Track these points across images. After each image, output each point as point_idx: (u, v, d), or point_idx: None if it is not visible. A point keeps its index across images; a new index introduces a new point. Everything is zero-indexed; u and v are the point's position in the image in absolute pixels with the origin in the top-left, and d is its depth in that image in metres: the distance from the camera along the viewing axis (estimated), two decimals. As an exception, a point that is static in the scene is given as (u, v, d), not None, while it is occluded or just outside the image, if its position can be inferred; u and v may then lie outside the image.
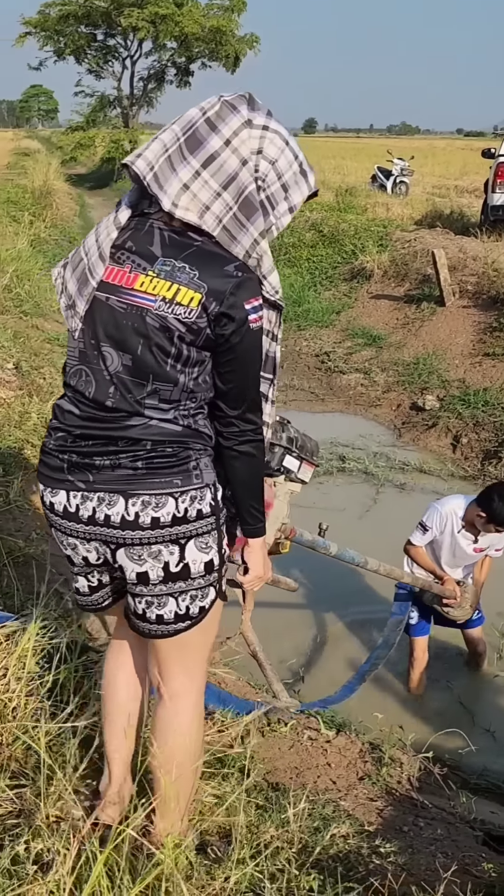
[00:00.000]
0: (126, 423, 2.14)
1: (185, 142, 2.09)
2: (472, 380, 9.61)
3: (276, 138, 2.16)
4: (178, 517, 2.14)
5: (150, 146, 2.13)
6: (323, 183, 24.29)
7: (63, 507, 2.21)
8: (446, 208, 18.02)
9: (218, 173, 2.09)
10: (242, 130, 2.11)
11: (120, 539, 2.16)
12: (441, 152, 47.65)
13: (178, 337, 2.08)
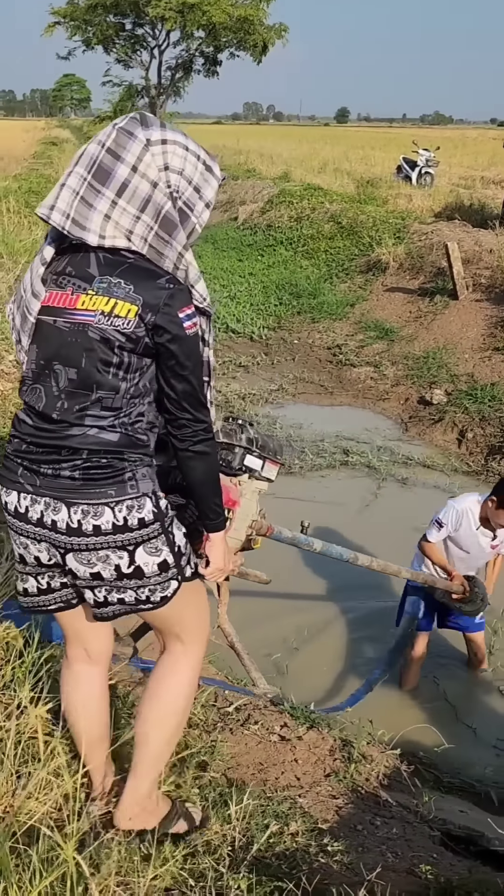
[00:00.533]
0: (67, 432, 2.27)
1: (93, 177, 2.21)
2: (480, 374, 9.55)
3: (176, 148, 2.28)
4: (119, 525, 2.26)
5: (59, 195, 2.24)
6: (348, 174, 24.23)
7: (14, 507, 2.34)
8: (468, 200, 17.86)
9: (133, 199, 2.22)
10: (145, 154, 2.22)
11: (67, 544, 2.29)
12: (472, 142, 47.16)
13: (118, 346, 2.23)
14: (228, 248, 16.98)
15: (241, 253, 16.61)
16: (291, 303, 13.33)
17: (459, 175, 26.56)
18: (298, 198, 18.27)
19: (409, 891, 2.59)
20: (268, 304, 13.34)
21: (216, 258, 16.23)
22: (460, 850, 3.24)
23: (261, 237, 17.31)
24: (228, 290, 13.90)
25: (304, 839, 2.87)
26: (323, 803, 3.26)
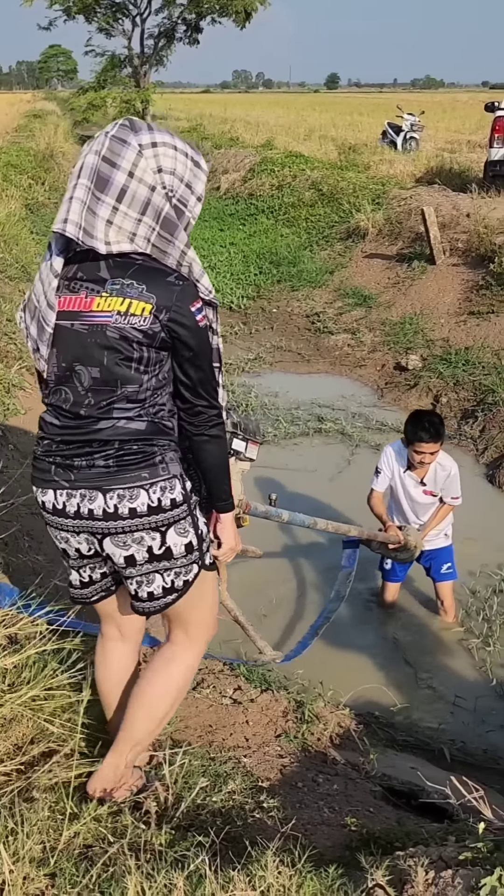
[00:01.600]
0: (96, 426, 2.42)
1: (94, 186, 2.32)
2: (455, 339, 9.55)
3: (166, 150, 2.39)
4: (153, 507, 2.42)
5: (70, 208, 2.33)
6: (333, 140, 24.05)
7: (52, 505, 2.50)
8: (450, 164, 17.74)
9: (133, 203, 2.33)
10: (140, 160, 2.33)
11: (104, 529, 2.44)
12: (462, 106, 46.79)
13: (136, 343, 2.37)
14: (210, 218, 16.89)
15: (223, 223, 16.53)
16: (271, 271, 13.28)
17: (446, 139, 26.33)
18: (280, 165, 18.15)
19: (336, 843, 2.65)
20: (248, 273, 13.30)
21: (197, 228, 16.10)
22: (402, 803, 3.30)
23: (242, 206, 17.22)
24: (209, 260, 13.84)
25: (241, 797, 2.92)
26: (268, 763, 3.31)
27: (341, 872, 2.14)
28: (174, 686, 2.71)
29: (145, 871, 2.02)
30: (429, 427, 4.76)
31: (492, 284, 9.88)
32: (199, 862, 2.01)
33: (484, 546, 6.06)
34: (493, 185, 13.65)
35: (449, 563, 5.25)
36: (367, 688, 4.39)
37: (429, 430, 4.76)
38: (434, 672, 4.83)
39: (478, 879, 1.99)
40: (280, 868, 2.03)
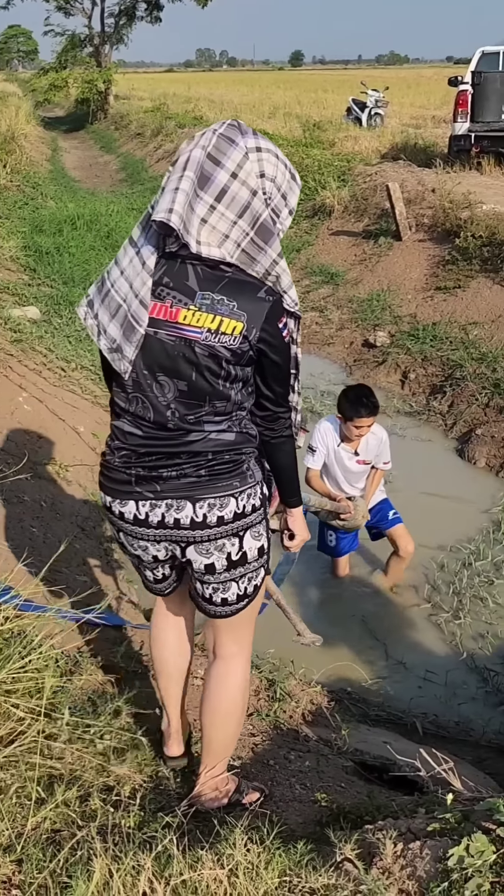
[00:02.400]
0: (186, 438, 2.41)
1: (196, 180, 2.25)
2: (423, 315, 9.56)
3: (270, 156, 2.34)
4: (238, 513, 2.44)
5: (176, 199, 2.22)
6: (298, 118, 23.93)
7: (133, 516, 2.48)
8: (417, 140, 17.72)
9: (231, 205, 2.27)
10: (245, 163, 2.28)
11: (190, 538, 2.46)
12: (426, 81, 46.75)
13: (225, 361, 2.33)
14: (175, 199, 16.72)
15: (188, 203, 16.37)
16: (238, 251, 13.20)
17: (411, 115, 26.32)
18: (244, 144, 17.99)
19: (307, 819, 2.65)
20: (214, 253, 13.20)
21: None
22: (374, 778, 3.31)
23: (207, 186, 17.06)
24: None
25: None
26: (240, 742, 3.30)
27: (310, 848, 2.13)
28: (238, 698, 2.75)
29: (113, 853, 2.01)
30: (367, 403, 4.87)
31: (458, 259, 9.88)
32: (167, 842, 2.00)
33: (453, 520, 6.09)
34: (458, 160, 13.66)
35: (392, 509, 5.36)
36: (339, 665, 4.40)
37: (367, 406, 4.87)
38: (404, 647, 4.85)
39: (446, 850, 1.99)
40: (249, 846, 2.02)
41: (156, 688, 3.03)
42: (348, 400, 4.88)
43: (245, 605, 2.61)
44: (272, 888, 1.91)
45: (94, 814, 2.30)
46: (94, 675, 3.35)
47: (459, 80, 14.55)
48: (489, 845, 1.96)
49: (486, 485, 6.69)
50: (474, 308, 9.17)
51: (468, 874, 1.90)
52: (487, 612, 5.10)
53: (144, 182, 20.14)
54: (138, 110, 32.64)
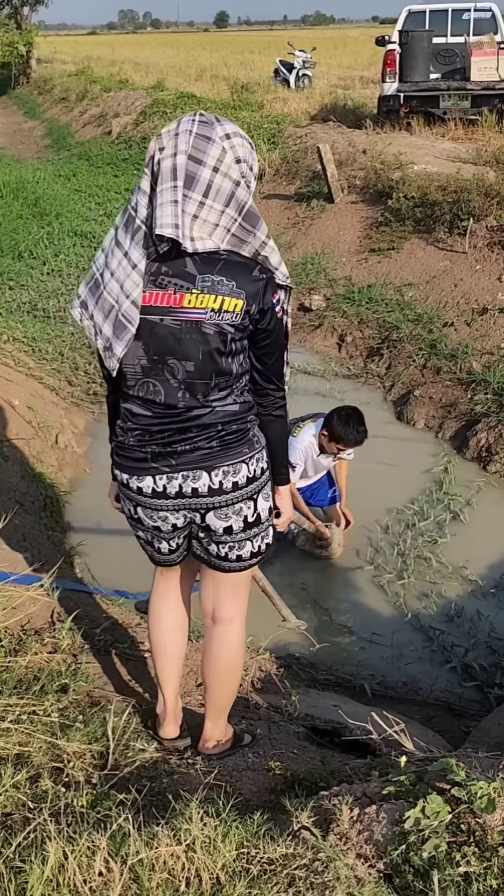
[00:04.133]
0: (194, 413, 2.55)
1: (184, 186, 2.38)
2: (358, 277, 9.54)
3: (237, 139, 2.47)
4: (251, 477, 2.64)
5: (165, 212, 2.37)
6: (225, 80, 23.64)
7: (151, 490, 2.62)
8: (346, 101, 17.63)
9: (218, 196, 2.41)
10: (224, 155, 2.41)
11: (209, 505, 2.62)
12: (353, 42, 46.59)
13: (230, 337, 2.49)
14: (103, 164, 16.43)
15: (117, 168, 16.09)
16: (169, 217, 13.02)
17: (339, 76, 26.20)
18: (172, 107, 17.74)
19: (262, 787, 2.64)
20: (145, 219, 13.00)
21: (91, 175, 15.71)
22: (326, 742, 3.32)
23: (136, 151, 16.78)
24: (104, 207, 13.49)
25: (164, 751, 2.90)
26: (190, 713, 3.28)
27: (267, 818, 2.12)
28: (240, 658, 2.97)
29: (67, 834, 1.97)
30: (358, 438, 4.95)
31: (391, 220, 9.87)
32: (122, 820, 1.97)
33: (395, 482, 6.11)
34: (388, 121, 13.63)
35: (333, 487, 5.47)
36: (286, 631, 4.40)
37: (359, 440, 4.95)
38: (350, 611, 4.87)
39: (401, 812, 2.00)
40: (205, 819, 2.00)
41: (153, 669, 3.12)
42: (341, 423, 4.91)
43: (256, 562, 2.82)
44: (230, 861, 1.89)
45: (46, 795, 2.25)
46: (40, 654, 3.29)
47: (387, 40, 14.47)
48: (444, 806, 1.97)
49: (426, 445, 6.73)
50: (409, 269, 9.18)
51: (425, 835, 1.91)
52: (431, 572, 5.14)
53: (71, 148, 19.75)
54: (62, 74, 31.95)
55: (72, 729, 2.76)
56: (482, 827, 1.95)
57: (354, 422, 4.92)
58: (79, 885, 1.84)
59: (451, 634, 4.60)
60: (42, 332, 8.09)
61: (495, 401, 6.62)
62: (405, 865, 1.89)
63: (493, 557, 5.23)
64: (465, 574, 5.08)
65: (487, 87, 13.42)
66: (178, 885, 1.85)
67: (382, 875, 1.90)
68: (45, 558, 4.38)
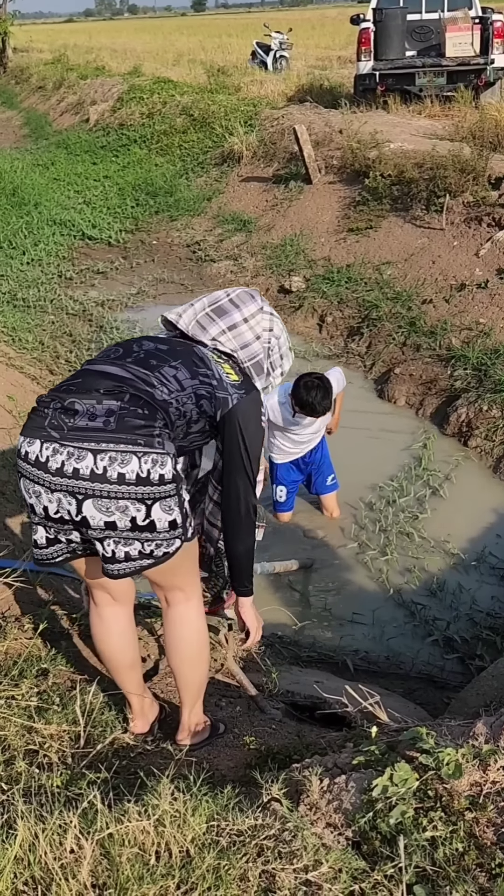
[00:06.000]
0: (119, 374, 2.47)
1: (212, 311, 2.81)
2: (336, 257, 9.53)
3: (278, 322, 2.92)
4: (142, 477, 2.36)
5: (185, 312, 2.85)
6: (202, 64, 23.50)
7: (35, 457, 2.42)
8: (323, 81, 17.54)
9: (237, 337, 2.79)
10: (258, 315, 2.84)
11: (88, 490, 2.36)
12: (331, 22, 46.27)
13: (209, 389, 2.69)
14: (81, 152, 16.34)
15: (95, 156, 16.01)
16: (148, 203, 12.99)
17: (317, 56, 26.05)
18: (149, 93, 17.63)
19: (238, 763, 2.66)
20: (124, 206, 12.97)
21: (70, 163, 15.62)
22: (306, 717, 3.34)
23: (114, 137, 16.70)
24: (83, 195, 13.45)
25: (143, 730, 2.91)
26: (171, 692, 3.30)
27: (238, 791, 2.14)
28: (198, 639, 2.85)
29: (38, 814, 1.98)
30: (318, 408, 4.73)
31: (368, 200, 9.85)
32: (92, 798, 1.98)
33: (377, 460, 6.14)
34: (364, 100, 13.57)
35: (332, 474, 5.41)
36: (269, 609, 4.42)
37: (317, 412, 4.76)
38: (333, 588, 4.90)
39: (370, 781, 2.01)
40: (175, 794, 2.01)
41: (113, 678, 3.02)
42: (305, 391, 4.71)
43: (150, 566, 2.52)
44: (200, 834, 1.90)
45: (19, 777, 2.27)
46: (20, 639, 3.30)
47: (361, 18, 14.39)
48: (412, 773, 1.99)
49: (407, 422, 6.75)
50: (387, 248, 9.17)
51: (392, 802, 1.93)
52: (413, 547, 5.17)
53: (49, 136, 19.64)
54: (38, 63, 31.71)
55: (49, 712, 2.79)
56: (449, 792, 1.96)
57: (316, 392, 4.69)
58: (49, 863, 1.86)
59: (433, 608, 4.64)
60: (22, 321, 8.08)
61: (474, 376, 6.64)
62: (372, 832, 1.90)
63: (473, 531, 5.26)
64: (447, 548, 5.11)
65: (462, 63, 13.38)
66: (148, 860, 1.86)
67: (350, 842, 1.92)
68: (27, 547, 4.39)
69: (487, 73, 13.24)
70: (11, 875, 1.81)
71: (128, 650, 2.90)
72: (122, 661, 2.89)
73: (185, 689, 2.90)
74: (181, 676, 2.88)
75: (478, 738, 2.15)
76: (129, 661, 2.91)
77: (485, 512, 5.46)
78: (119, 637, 2.85)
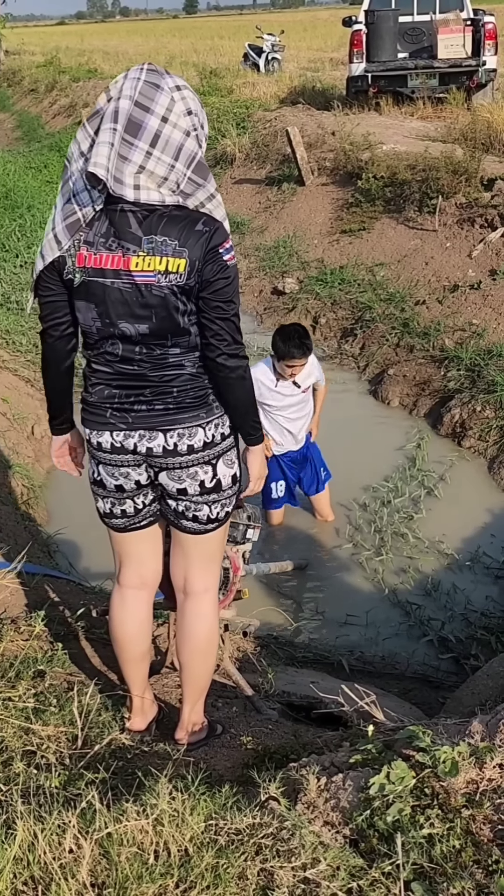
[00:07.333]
0: (152, 374, 2.52)
1: (125, 131, 2.31)
2: (330, 259, 9.56)
3: (188, 92, 2.42)
4: (208, 442, 2.59)
5: (98, 151, 2.30)
6: (195, 66, 23.52)
7: (110, 444, 2.61)
8: (315, 83, 17.57)
9: (167, 148, 2.34)
10: (174, 106, 2.34)
11: (163, 464, 2.60)
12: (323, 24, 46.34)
13: (179, 299, 2.43)
14: (75, 155, 16.33)
15: (88, 159, 15.99)
16: (141, 205, 12.99)
17: (309, 58, 26.10)
18: (141, 95, 17.63)
19: (235, 763, 2.67)
20: (117, 208, 12.97)
21: (62, 166, 15.57)
22: (302, 717, 3.36)
23: (106, 139, 16.69)
24: (76, 198, 13.44)
25: (140, 731, 2.92)
26: (167, 693, 3.31)
27: (236, 791, 2.15)
28: (215, 634, 2.91)
29: (37, 814, 1.99)
30: (300, 344, 4.82)
31: (361, 201, 9.88)
32: (91, 798, 1.99)
33: (371, 460, 6.15)
34: (357, 101, 13.60)
35: (324, 467, 5.43)
36: (264, 610, 4.43)
37: (300, 347, 4.82)
38: (328, 588, 4.91)
39: (367, 780, 2.02)
40: (174, 794, 2.02)
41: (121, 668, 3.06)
42: (282, 339, 4.84)
43: (215, 528, 2.73)
44: (198, 833, 1.91)
45: (17, 777, 2.28)
46: (16, 641, 3.30)
47: (353, 20, 14.41)
48: (409, 771, 2.00)
49: (401, 423, 6.77)
50: (380, 249, 9.20)
51: (389, 800, 1.94)
52: (408, 548, 5.18)
53: (41, 139, 19.65)
54: (30, 65, 31.75)
55: (46, 713, 2.79)
56: (445, 790, 1.98)
57: (295, 335, 4.85)
58: (49, 862, 1.86)
59: (427, 608, 4.65)
60: (16, 324, 8.07)
61: (468, 377, 6.66)
62: (370, 830, 1.91)
63: (468, 531, 5.28)
64: (442, 548, 5.13)
65: (454, 65, 13.41)
66: (147, 859, 1.87)
67: (348, 840, 1.93)
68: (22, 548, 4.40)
69: (479, 75, 13.27)
70: (11, 875, 1.82)
71: (142, 640, 2.94)
72: (135, 650, 2.93)
73: (191, 685, 2.89)
74: (189, 671, 2.88)
75: (474, 737, 2.16)
76: (140, 652, 2.94)
77: (479, 512, 5.48)
78: (138, 624, 2.91)
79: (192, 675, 2.89)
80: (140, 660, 2.95)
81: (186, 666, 2.89)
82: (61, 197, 2.49)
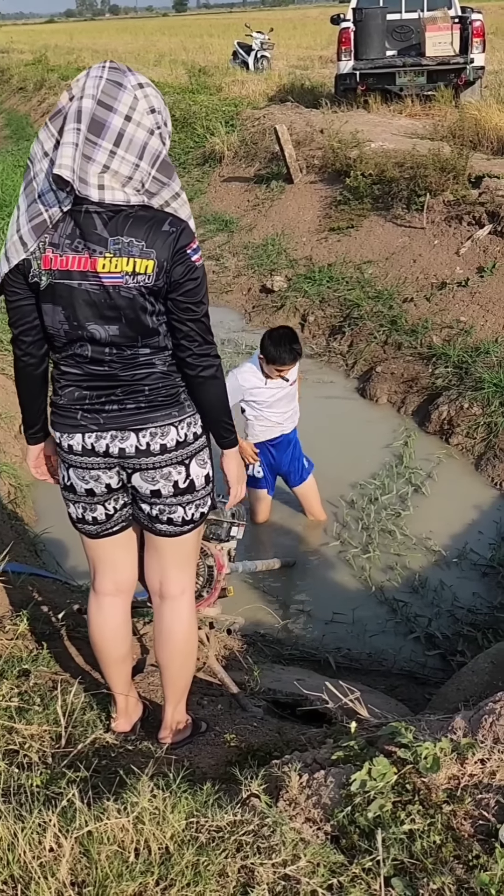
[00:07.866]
0: (123, 374, 2.51)
1: (88, 131, 2.29)
2: (318, 256, 9.55)
3: (151, 89, 2.39)
4: (181, 441, 2.59)
5: (63, 152, 2.28)
6: (184, 64, 23.50)
7: (81, 447, 2.59)
8: (304, 81, 17.57)
9: (130, 147, 2.32)
10: (136, 104, 2.32)
11: (136, 465, 2.59)
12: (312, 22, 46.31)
13: (147, 300, 2.42)
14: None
15: (76, 157, 15.96)
16: (130, 203, 12.97)
17: (298, 56, 26.10)
18: (130, 93, 17.59)
19: (219, 761, 2.67)
20: (106, 207, 12.95)
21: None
22: (287, 715, 3.35)
23: (95, 138, 16.66)
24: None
25: (122, 732, 2.91)
26: (153, 692, 3.31)
27: (218, 788, 2.15)
28: (193, 635, 2.92)
29: (17, 813, 1.98)
30: (290, 349, 4.80)
31: (349, 199, 9.88)
32: (72, 796, 1.98)
33: (359, 458, 6.15)
34: (345, 99, 13.61)
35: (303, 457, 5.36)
36: (251, 607, 4.42)
37: (291, 352, 4.80)
38: (315, 586, 4.91)
39: (349, 776, 2.02)
40: (154, 791, 2.02)
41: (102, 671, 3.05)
42: (272, 344, 4.81)
43: (190, 530, 2.73)
44: (178, 830, 1.91)
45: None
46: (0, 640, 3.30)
47: (341, 18, 14.41)
48: (390, 767, 2.00)
49: (389, 420, 6.78)
50: (368, 247, 9.20)
51: (370, 796, 1.94)
52: (395, 545, 5.18)
53: (30, 138, 19.56)
54: (19, 64, 31.67)
55: (30, 712, 2.78)
56: (427, 786, 1.98)
57: (286, 340, 4.82)
58: (29, 861, 1.86)
59: (414, 605, 4.66)
60: (3, 323, 8.05)
61: (455, 374, 6.67)
62: (351, 826, 1.91)
63: (455, 528, 5.28)
64: (429, 545, 5.13)
65: (442, 63, 13.44)
66: (128, 857, 1.86)
67: (329, 837, 1.93)
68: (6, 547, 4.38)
69: (467, 73, 13.28)
70: (-10, 874, 1.82)
71: (121, 643, 2.93)
72: (115, 654, 2.92)
73: (172, 686, 2.89)
74: (169, 672, 2.87)
75: (456, 732, 2.16)
76: (120, 655, 2.93)
77: (466, 509, 5.49)
78: (115, 629, 2.89)
79: (172, 676, 2.89)
80: (121, 662, 2.95)
81: (166, 668, 2.89)
82: (25, 198, 2.44)
